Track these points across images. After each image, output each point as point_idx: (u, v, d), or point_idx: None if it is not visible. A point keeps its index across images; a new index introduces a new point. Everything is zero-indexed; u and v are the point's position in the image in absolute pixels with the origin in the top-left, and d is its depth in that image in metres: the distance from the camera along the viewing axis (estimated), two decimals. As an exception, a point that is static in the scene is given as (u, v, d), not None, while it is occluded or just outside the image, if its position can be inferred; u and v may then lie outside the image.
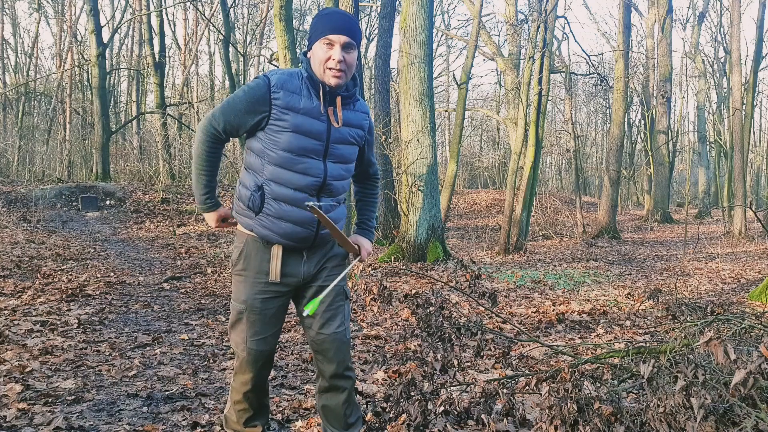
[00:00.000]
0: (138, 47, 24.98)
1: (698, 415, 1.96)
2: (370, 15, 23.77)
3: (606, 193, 15.52)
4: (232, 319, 2.16)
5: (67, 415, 2.66)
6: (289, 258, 2.09)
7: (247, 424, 2.28)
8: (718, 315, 3.22)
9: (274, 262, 2.06)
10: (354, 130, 2.09)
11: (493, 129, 30.92)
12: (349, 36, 1.96)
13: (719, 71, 26.61)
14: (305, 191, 2.01)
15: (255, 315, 2.10)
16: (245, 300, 2.10)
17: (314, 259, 2.12)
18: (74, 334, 4.20)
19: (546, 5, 11.60)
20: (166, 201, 15.58)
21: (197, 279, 7.22)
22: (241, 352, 2.15)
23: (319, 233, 2.06)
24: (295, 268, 2.10)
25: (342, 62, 1.95)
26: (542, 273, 8.28)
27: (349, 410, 2.20)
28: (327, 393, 2.20)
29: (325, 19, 1.99)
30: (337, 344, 2.13)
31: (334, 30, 1.96)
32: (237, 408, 2.27)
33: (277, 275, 2.07)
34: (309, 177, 2.00)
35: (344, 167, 2.09)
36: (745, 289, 6.84)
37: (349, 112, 2.08)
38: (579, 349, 3.78)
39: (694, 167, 28.15)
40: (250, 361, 2.14)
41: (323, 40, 1.96)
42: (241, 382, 2.20)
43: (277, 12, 7.05)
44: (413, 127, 9.37)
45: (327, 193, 2.05)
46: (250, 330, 2.11)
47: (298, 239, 2.04)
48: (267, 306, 2.11)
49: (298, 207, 2.00)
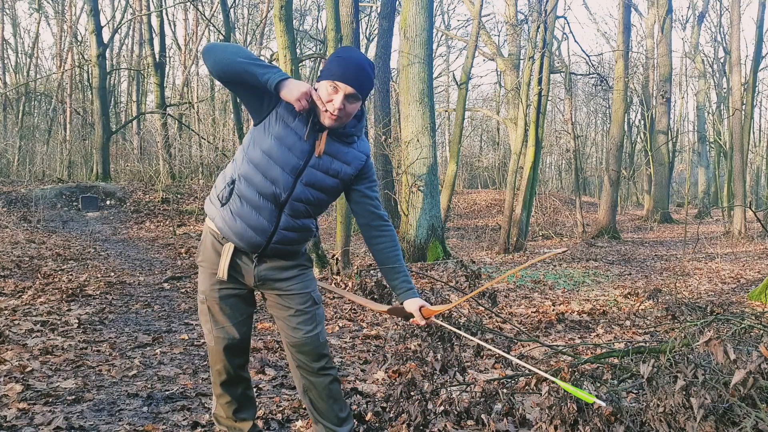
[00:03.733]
0: (138, 47, 24.98)
1: (698, 415, 1.97)
2: (370, 15, 23.76)
3: (606, 193, 15.52)
4: (199, 309, 2.23)
5: (67, 414, 2.66)
6: (240, 259, 2.11)
7: (236, 416, 2.30)
8: (717, 315, 3.22)
9: (223, 259, 2.09)
10: (339, 164, 2.07)
11: (493, 129, 30.92)
12: (355, 89, 1.95)
13: (719, 71, 26.61)
14: (268, 200, 2.02)
15: (215, 305, 2.15)
16: (204, 290, 2.16)
17: (265, 267, 2.12)
18: (74, 334, 4.20)
19: (546, 5, 11.61)
20: (166, 201, 15.58)
21: (197, 279, 7.22)
22: (209, 341, 2.20)
23: (270, 245, 2.06)
24: (246, 270, 2.12)
25: (341, 110, 1.95)
26: (542, 273, 8.28)
27: (337, 405, 2.21)
28: (310, 390, 2.20)
29: (340, 62, 1.97)
30: (310, 347, 2.15)
31: (343, 78, 1.94)
32: (221, 402, 2.29)
33: (224, 273, 2.09)
34: (275, 188, 2.00)
35: (314, 193, 2.06)
36: (744, 289, 6.84)
37: (341, 147, 2.07)
38: (579, 349, 3.79)
39: (694, 167, 28.16)
40: (218, 350, 2.18)
41: (330, 83, 1.95)
42: (216, 373, 2.24)
43: (277, 12, 7.05)
44: (413, 127, 9.38)
45: (289, 211, 2.05)
46: (213, 320, 2.17)
47: (249, 243, 2.05)
48: (225, 297, 2.15)
49: (258, 214, 2.02)
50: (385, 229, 2.20)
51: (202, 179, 18.23)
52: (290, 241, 2.09)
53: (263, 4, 24.21)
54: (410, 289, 2.19)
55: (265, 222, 2.02)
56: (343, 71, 1.94)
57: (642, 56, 22.39)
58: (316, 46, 23.96)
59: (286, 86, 1.88)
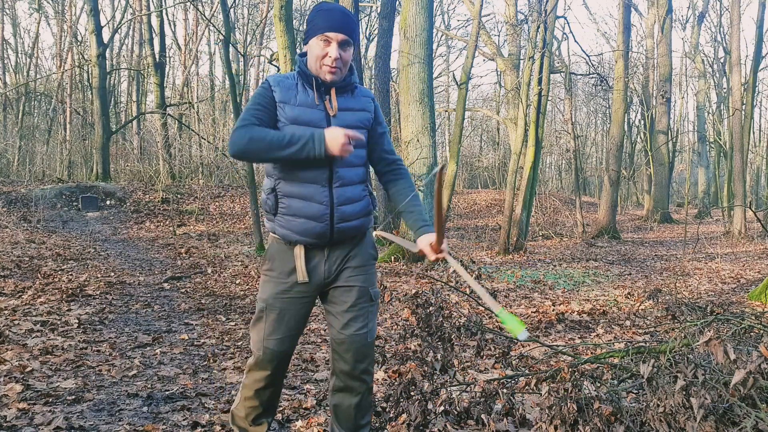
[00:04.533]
0: (138, 47, 24.98)
1: (698, 415, 1.97)
2: (370, 15, 23.76)
3: (606, 193, 15.53)
4: (255, 317, 2.18)
5: (67, 414, 2.66)
6: (311, 257, 2.10)
7: (254, 422, 2.27)
8: (717, 315, 3.22)
9: (299, 262, 2.07)
10: (357, 114, 2.10)
11: (493, 129, 30.92)
12: (346, 34, 1.99)
13: (719, 71, 26.61)
14: (316, 182, 2.01)
15: (275, 314, 2.11)
16: (267, 299, 2.12)
17: (335, 258, 2.12)
18: (74, 334, 4.20)
19: (546, 5, 11.60)
20: (166, 201, 15.59)
21: (197, 279, 7.22)
22: (257, 350, 2.15)
23: (334, 227, 2.05)
24: (318, 267, 2.11)
25: (338, 59, 1.99)
26: (542, 273, 8.28)
27: (360, 413, 2.18)
28: (340, 393, 2.18)
29: (323, 15, 2.00)
30: (357, 346, 2.11)
31: (332, 28, 1.98)
32: (247, 405, 2.26)
33: (305, 275, 2.07)
34: (314, 168, 2.00)
35: (352, 153, 2.04)
36: (745, 289, 6.84)
37: (349, 98, 2.10)
38: (579, 349, 3.79)
39: (694, 167, 28.16)
40: (265, 359, 2.14)
41: (320, 37, 1.99)
42: (254, 380, 2.20)
43: (277, 12, 7.06)
44: (413, 127, 9.38)
45: (337, 183, 2.04)
46: (269, 329, 2.13)
47: (315, 235, 2.04)
48: (288, 307, 2.11)
49: (309, 202, 2.02)
50: (399, 170, 2.24)
51: (202, 179, 18.24)
52: (352, 215, 2.08)
53: (263, 4, 24.20)
54: (422, 226, 2.16)
55: (321, 207, 2.02)
56: (330, 22, 1.98)
57: (642, 56, 22.39)
58: (316, 46, 23.91)
59: (327, 145, 1.93)
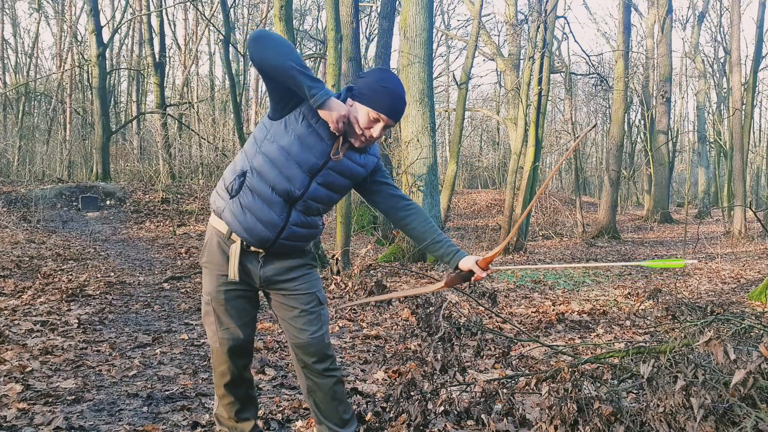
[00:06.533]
0: (138, 47, 24.97)
1: (698, 415, 1.97)
2: (370, 15, 23.75)
3: (606, 193, 15.53)
4: (203, 311, 2.21)
5: (67, 414, 2.66)
6: (246, 259, 2.09)
7: (238, 417, 2.29)
8: (718, 315, 3.22)
9: (232, 260, 2.07)
10: (354, 165, 2.09)
11: (493, 129, 30.90)
12: (395, 122, 2.01)
13: (719, 71, 26.61)
14: (281, 195, 2.00)
15: (221, 307, 2.14)
16: (211, 291, 2.14)
17: (271, 265, 2.11)
18: (74, 334, 4.20)
19: (546, 5, 11.60)
20: (166, 201, 15.58)
21: (197, 279, 7.22)
22: (214, 343, 2.19)
23: (279, 240, 2.05)
24: (252, 272, 2.11)
25: (376, 139, 2.02)
26: (542, 273, 8.28)
27: (341, 407, 2.21)
28: (314, 392, 2.20)
29: (389, 96, 1.98)
30: (316, 348, 2.14)
31: (389, 113, 1.98)
32: (223, 402, 2.28)
33: (235, 275, 2.07)
34: (290, 185, 1.99)
35: (327, 192, 2.07)
36: (745, 289, 6.84)
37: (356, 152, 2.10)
38: (579, 349, 3.79)
39: (694, 167, 28.15)
40: (222, 351, 2.17)
41: (374, 113, 1.97)
42: (220, 374, 2.23)
43: (277, 12, 7.06)
44: (413, 127, 9.38)
45: (301, 208, 2.05)
46: (218, 321, 2.16)
47: (258, 238, 2.03)
48: (232, 299, 2.14)
49: (269, 208, 2.01)
50: (411, 207, 2.21)
51: (202, 179, 18.22)
52: (299, 237, 2.09)
53: (263, 4, 24.20)
54: (458, 251, 2.18)
55: (275, 217, 2.01)
56: (391, 107, 1.97)
57: (642, 56, 22.38)
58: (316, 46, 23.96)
59: (327, 105, 1.90)
